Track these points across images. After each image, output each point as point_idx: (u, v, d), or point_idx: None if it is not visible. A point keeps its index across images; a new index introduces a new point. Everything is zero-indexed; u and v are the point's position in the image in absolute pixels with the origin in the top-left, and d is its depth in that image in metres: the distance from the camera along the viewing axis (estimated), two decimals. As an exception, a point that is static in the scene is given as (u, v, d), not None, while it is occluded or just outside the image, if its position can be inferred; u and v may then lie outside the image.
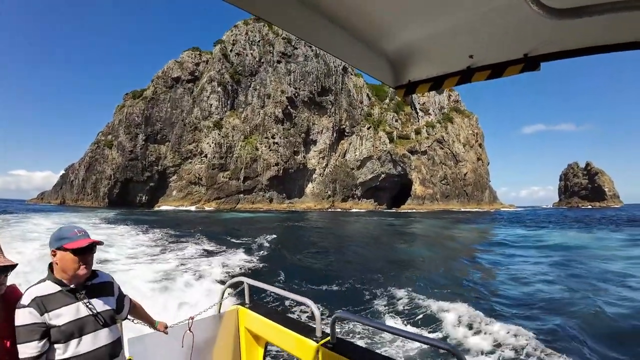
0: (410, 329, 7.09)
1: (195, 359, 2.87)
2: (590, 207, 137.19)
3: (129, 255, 14.22)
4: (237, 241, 20.80)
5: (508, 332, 6.84)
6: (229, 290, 3.38)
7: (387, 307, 8.82)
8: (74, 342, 1.78)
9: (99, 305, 1.92)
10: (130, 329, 2.52)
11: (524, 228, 38.64)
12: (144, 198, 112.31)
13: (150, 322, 2.48)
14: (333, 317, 2.42)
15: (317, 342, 2.52)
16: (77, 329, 1.79)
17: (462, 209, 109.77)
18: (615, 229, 36.91)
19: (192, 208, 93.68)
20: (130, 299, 2.29)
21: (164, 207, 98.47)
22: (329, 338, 2.50)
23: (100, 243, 1.91)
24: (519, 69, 1.40)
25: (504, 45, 1.40)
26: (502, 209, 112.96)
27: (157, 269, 11.62)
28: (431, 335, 6.78)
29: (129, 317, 2.30)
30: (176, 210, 79.24)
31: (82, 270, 1.83)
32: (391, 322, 7.67)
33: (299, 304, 7.47)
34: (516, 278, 12.95)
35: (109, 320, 1.95)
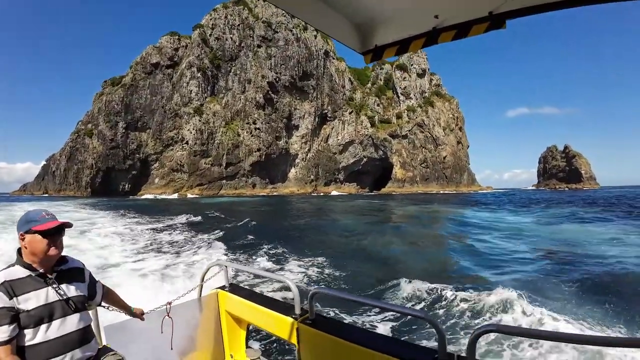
0: (386, 301, 7.24)
1: (176, 345, 2.84)
2: (567, 189, 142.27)
3: (102, 245, 14.14)
4: (217, 226, 20.75)
5: (473, 300, 7.20)
6: (209, 274, 3.40)
7: (364, 283, 9.01)
8: (43, 327, 1.75)
9: (69, 290, 1.89)
10: (112, 319, 2.55)
11: (482, 209, 40.98)
12: (126, 186, 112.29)
13: (126, 309, 2.44)
14: (311, 293, 2.47)
15: (296, 319, 2.55)
16: (46, 314, 1.76)
17: (441, 191, 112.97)
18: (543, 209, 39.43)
19: (175, 196, 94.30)
20: (103, 285, 2.28)
21: (146, 196, 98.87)
22: (307, 315, 2.54)
23: (68, 225, 1.89)
24: (485, 28, 1.41)
25: (469, 3, 1.39)
26: (479, 191, 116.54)
27: (134, 257, 11.63)
28: (407, 306, 7.05)
29: (103, 303, 2.29)
30: (155, 199, 79.79)
31: (52, 252, 1.81)
32: (369, 296, 7.89)
33: (280, 284, 7.84)
34: (469, 251, 13.95)
35: (80, 305, 1.92)
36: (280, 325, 2.69)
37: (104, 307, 2.33)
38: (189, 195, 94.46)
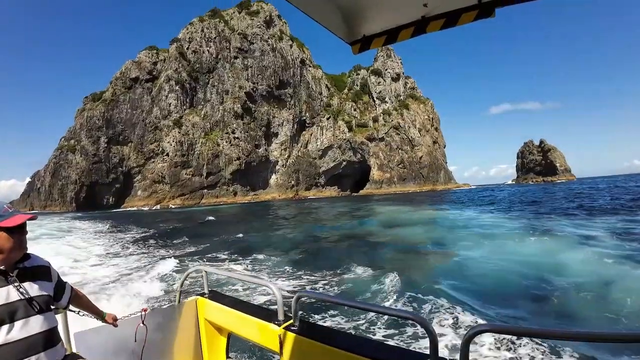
0: (373, 303, 6.76)
1: (151, 354, 2.72)
2: (543, 182, 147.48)
3: (75, 250, 14.03)
4: (196, 233, 21.08)
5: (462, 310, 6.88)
6: (188, 281, 3.40)
7: (350, 285, 8.74)
8: (4, 327, 1.62)
9: (32, 289, 1.74)
10: (83, 325, 2.39)
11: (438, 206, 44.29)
12: (110, 200, 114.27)
13: (97, 314, 2.30)
14: (295, 297, 2.35)
15: (280, 326, 2.42)
16: (7, 314, 1.63)
17: (418, 190, 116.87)
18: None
19: (157, 207, 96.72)
20: (72, 287, 2.11)
21: (128, 208, 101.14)
22: (291, 321, 2.42)
23: (33, 218, 1.80)
24: (474, 16, 1.37)
25: None
26: (455, 189, 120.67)
27: (111, 262, 11.38)
28: (395, 307, 6.79)
29: (72, 307, 2.16)
30: (136, 211, 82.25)
31: (17, 249, 1.71)
32: (355, 298, 7.53)
33: (262, 289, 7.55)
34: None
35: (44, 306, 1.77)
36: (262, 333, 2.57)
37: (73, 311, 2.23)
38: (171, 206, 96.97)
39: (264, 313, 2.73)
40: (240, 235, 19.93)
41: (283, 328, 2.40)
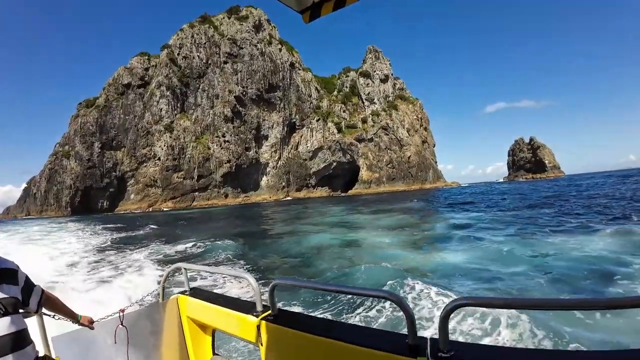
0: (349, 285, 6.72)
1: (132, 356, 2.66)
2: (532, 179, 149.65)
3: (51, 253, 14.17)
4: (178, 233, 21.53)
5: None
6: (169, 278, 3.22)
7: (327, 273, 8.95)
8: None
9: None
10: (65, 328, 2.35)
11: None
12: (105, 204, 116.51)
13: (72, 316, 2.27)
14: (271, 285, 2.33)
15: (258, 317, 2.42)
16: None
17: (407, 189, 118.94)
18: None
19: (149, 210, 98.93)
20: (43, 290, 2.06)
21: (122, 211, 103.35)
22: (270, 311, 2.42)
23: None
24: None
25: None
26: (443, 187, 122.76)
27: (92, 265, 11.34)
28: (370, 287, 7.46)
29: (45, 311, 2.13)
30: (119, 215, 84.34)
31: None
32: (331, 283, 7.55)
33: (242, 282, 7.59)
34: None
35: (11, 308, 1.75)
36: (242, 326, 2.55)
37: (47, 315, 2.18)
38: (164, 209, 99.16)
39: (244, 305, 2.70)
40: (220, 234, 20.23)
41: (261, 319, 2.40)
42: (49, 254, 14.36)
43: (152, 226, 32.53)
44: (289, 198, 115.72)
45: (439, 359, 1.52)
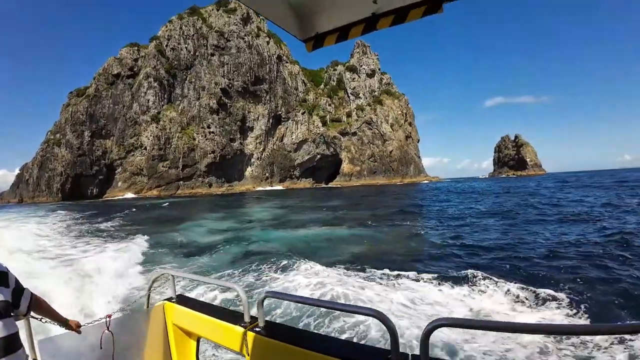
0: (336, 301, 6.92)
1: None
2: (513, 175, 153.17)
3: (32, 249, 13.86)
4: (163, 230, 21.16)
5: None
6: (155, 285, 3.23)
7: (316, 285, 8.80)
8: None
9: None
10: (51, 332, 2.32)
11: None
12: (94, 191, 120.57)
13: (60, 320, 2.27)
14: (260, 298, 2.38)
15: (245, 328, 2.44)
16: None
17: (387, 183, 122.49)
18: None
19: (134, 195, 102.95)
20: (32, 294, 2.08)
21: (110, 198, 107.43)
22: (257, 322, 2.44)
23: None
24: (422, 12, 1.40)
25: None
26: (423, 182, 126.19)
27: (74, 266, 10.88)
28: (360, 304, 6.34)
29: (33, 314, 2.14)
30: (103, 201, 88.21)
31: None
32: (322, 296, 7.55)
33: (229, 292, 7.69)
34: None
35: (3, 312, 1.75)
36: (229, 336, 2.56)
37: (35, 318, 2.18)
38: (147, 195, 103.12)
39: (231, 315, 2.72)
40: (206, 234, 20.00)
41: (248, 330, 2.42)
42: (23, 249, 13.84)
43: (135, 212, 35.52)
44: (270, 188, 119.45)
45: None
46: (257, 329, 2.40)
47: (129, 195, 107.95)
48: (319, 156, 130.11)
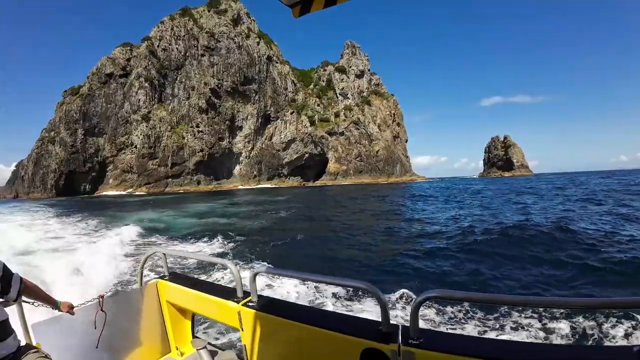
0: (327, 275, 5.13)
1: (114, 340, 2.70)
2: (501, 176, 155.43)
3: (23, 236, 14.04)
4: (153, 216, 22.57)
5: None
6: (147, 263, 3.25)
7: (307, 262, 9.20)
8: None
9: None
10: (41, 316, 2.34)
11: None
12: (87, 187, 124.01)
13: (52, 303, 2.25)
14: (251, 274, 2.40)
15: (238, 303, 2.47)
16: None
17: (372, 182, 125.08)
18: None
19: (123, 192, 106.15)
20: (22, 278, 2.05)
21: (102, 193, 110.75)
22: (250, 297, 2.47)
23: None
24: None
25: None
26: (408, 181, 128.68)
27: (66, 250, 11.07)
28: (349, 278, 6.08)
29: (25, 299, 2.12)
30: (98, 197, 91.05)
31: None
32: (311, 272, 9.45)
33: (222, 268, 7.93)
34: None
35: None
36: (223, 311, 2.61)
37: (27, 302, 2.17)
38: (137, 192, 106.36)
39: (224, 291, 2.75)
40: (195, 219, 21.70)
41: (242, 305, 2.45)
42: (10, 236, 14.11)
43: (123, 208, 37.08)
44: (259, 186, 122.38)
45: (409, 345, 1.64)
46: (251, 304, 2.44)
47: (112, 192, 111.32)
48: (307, 155, 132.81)
